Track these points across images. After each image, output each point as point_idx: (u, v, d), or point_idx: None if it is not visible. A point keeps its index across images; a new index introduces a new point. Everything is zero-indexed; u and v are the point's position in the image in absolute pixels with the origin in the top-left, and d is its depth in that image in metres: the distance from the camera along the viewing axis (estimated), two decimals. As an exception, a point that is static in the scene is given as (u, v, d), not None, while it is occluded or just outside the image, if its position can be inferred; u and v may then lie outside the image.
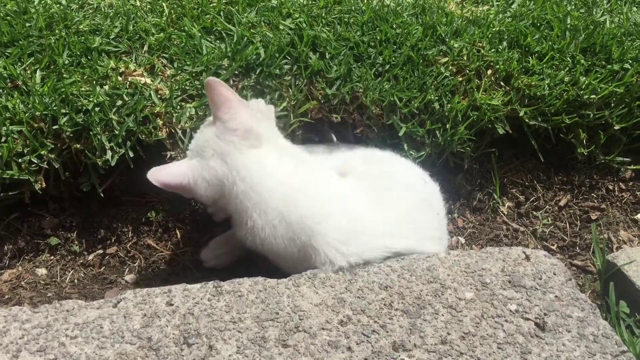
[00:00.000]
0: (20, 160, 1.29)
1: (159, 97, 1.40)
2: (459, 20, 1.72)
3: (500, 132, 1.51)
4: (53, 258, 1.40)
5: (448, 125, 1.47)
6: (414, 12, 1.76)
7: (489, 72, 1.56)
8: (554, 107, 1.52)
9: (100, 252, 1.42)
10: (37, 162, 1.30)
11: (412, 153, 1.46)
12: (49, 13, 1.60)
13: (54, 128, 1.31)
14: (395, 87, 1.47)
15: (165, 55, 1.52)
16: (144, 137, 1.35)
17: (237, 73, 1.45)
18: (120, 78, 1.42)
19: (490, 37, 1.66)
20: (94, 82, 1.39)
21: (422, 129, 1.46)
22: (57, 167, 1.32)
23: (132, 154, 1.34)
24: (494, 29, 1.69)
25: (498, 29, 1.69)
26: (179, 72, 1.46)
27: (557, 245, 1.52)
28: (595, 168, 1.66)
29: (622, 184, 1.66)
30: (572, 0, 1.95)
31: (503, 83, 1.56)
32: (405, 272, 1.12)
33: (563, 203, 1.62)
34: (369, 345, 0.97)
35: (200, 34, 1.55)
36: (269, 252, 1.17)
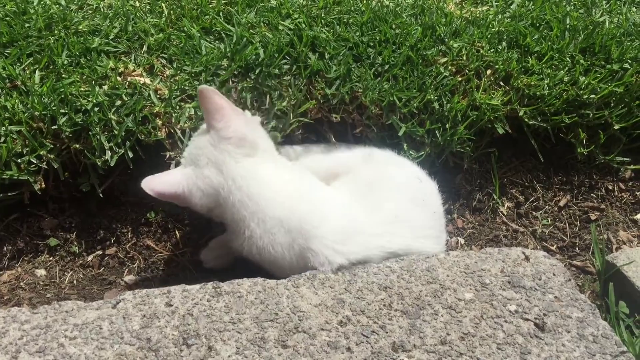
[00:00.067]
0: (20, 161, 1.28)
1: (158, 97, 1.40)
2: (458, 21, 1.72)
3: (500, 132, 1.51)
4: (52, 259, 1.40)
5: (447, 125, 1.47)
6: (413, 12, 1.76)
7: (489, 72, 1.56)
8: (554, 106, 1.52)
9: (100, 252, 1.42)
10: (36, 162, 1.30)
11: (411, 153, 1.46)
12: (48, 13, 1.60)
13: (53, 128, 1.31)
14: (395, 87, 1.47)
15: (165, 56, 1.52)
16: (143, 137, 1.35)
17: (236, 73, 1.45)
18: (120, 78, 1.42)
19: (490, 37, 1.66)
20: (93, 82, 1.39)
21: (421, 129, 1.46)
22: (56, 167, 1.32)
23: (131, 154, 1.34)
24: (493, 29, 1.69)
25: (497, 29, 1.69)
26: (178, 72, 1.46)
27: (556, 246, 1.52)
28: (595, 168, 1.66)
29: (621, 184, 1.66)
30: (571, 1, 1.95)
31: (502, 83, 1.56)
32: (405, 272, 1.12)
33: (563, 203, 1.62)
34: (369, 346, 0.97)
35: (200, 35, 1.55)
36: (266, 260, 1.17)
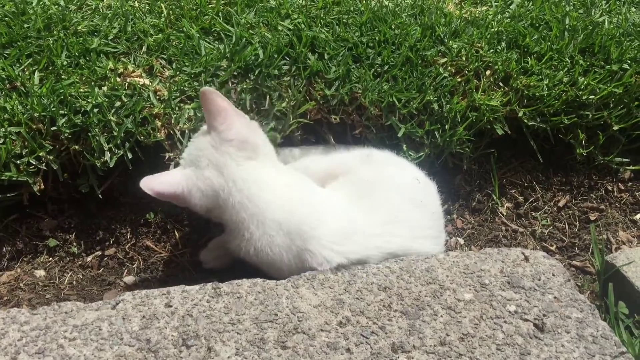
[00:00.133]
0: (19, 162, 1.28)
1: (158, 98, 1.40)
2: (458, 21, 1.72)
3: (499, 132, 1.51)
4: (52, 259, 1.40)
5: (447, 126, 1.47)
6: (413, 12, 1.76)
7: (488, 72, 1.56)
8: (553, 107, 1.52)
9: (99, 253, 1.42)
10: (35, 163, 1.30)
11: (411, 154, 1.46)
12: (47, 14, 1.59)
13: (53, 129, 1.31)
14: (394, 87, 1.47)
15: (164, 56, 1.52)
16: (143, 138, 1.35)
17: (235, 74, 1.45)
18: (119, 79, 1.42)
19: (489, 37, 1.66)
20: (93, 83, 1.39)
21: (421, 130, 1.46)
22: (55, 168, 1.32)
23: (130, 155, 1.34)
24: (493, 30, 1.69)
25: (497, 30, 1.69)
26: (178, 73, 1.46)
27: (556, 246, 1.52)
28: (594, 168, 1.66)
29: (621, 185, 1.66)
30: (570, 1, 1.95)
31: (502, 83, 1.56)
32: (404, 273, 1.12)
33: (562, 204, 1.62)
34: (368, 347, 0.97)
35: (199, 35, 1.55)
36: (263, 262, 1.17)
